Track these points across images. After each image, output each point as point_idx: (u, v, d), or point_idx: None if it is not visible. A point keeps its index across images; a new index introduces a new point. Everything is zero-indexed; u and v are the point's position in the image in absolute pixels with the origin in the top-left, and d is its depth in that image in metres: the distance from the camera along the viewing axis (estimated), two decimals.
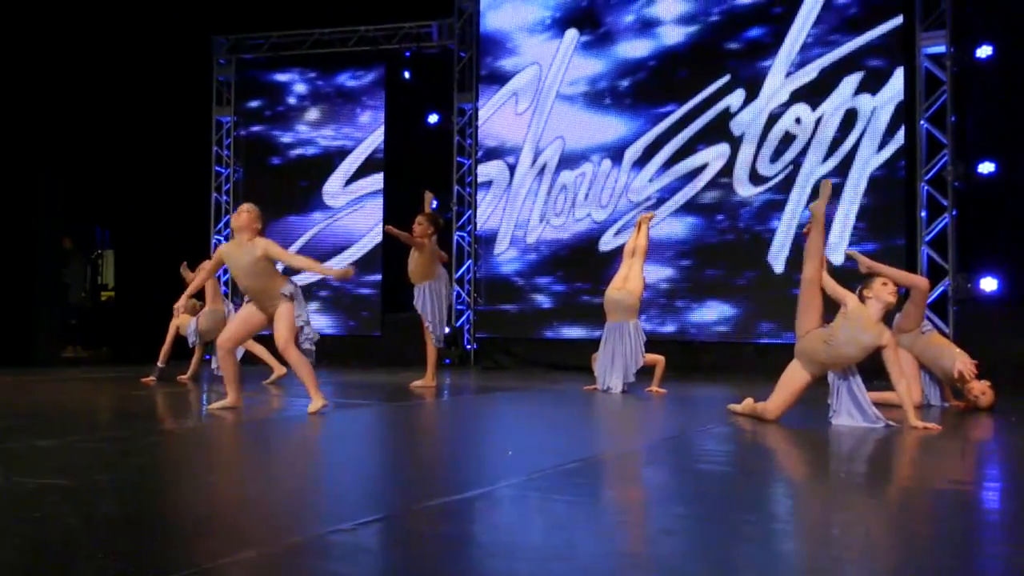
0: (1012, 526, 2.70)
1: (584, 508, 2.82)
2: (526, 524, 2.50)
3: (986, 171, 9.05)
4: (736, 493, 3.13)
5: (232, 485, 3.22)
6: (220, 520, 2.60)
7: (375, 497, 2.96)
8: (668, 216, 10.29)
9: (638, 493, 3.21)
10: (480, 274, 11.57)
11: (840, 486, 3.37)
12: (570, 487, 3.08)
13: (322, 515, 2.67)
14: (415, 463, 3.89)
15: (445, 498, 2.76)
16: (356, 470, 3.72)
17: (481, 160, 11.69)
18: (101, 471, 3.29)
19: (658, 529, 2.55)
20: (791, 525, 2.71)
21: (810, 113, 9.72)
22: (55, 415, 5.43)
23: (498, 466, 3.60)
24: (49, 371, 9.75)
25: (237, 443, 4.47)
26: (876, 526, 2.62)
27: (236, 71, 12.92)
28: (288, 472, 3.66)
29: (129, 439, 4.23)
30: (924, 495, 3.21)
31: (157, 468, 3.62)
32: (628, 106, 10.71)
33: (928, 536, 2.52)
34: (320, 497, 2.97)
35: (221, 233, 12.95)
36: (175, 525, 2.52)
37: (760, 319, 9.73)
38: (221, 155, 13.01)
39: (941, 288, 9.11)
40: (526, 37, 11.42)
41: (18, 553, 2.12)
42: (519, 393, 7.53)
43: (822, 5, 9.71)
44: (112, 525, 2.45)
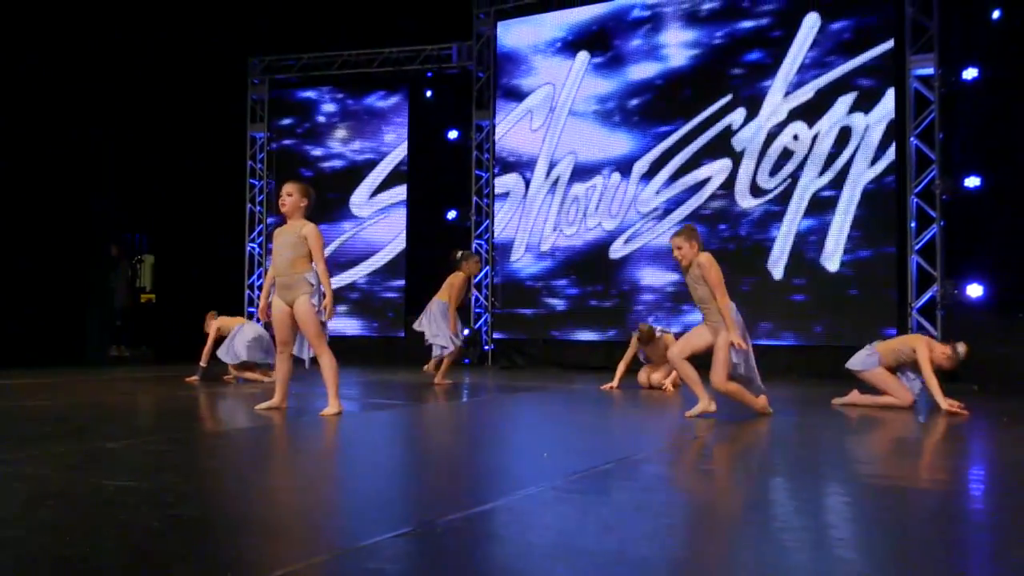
0: (999, 526, 2.69)
1: (629, 509, 2.82)
2: (578, 526, 2.50)
3: (972, 185, 9.02)
4: (768, 491, 3.12)
5: (295, 488, 3.23)
6: (291, 523, 2.61)
7: (426, 500, 2.97)
8: (674, 226, 10.27)
9: (679, 492, 3.20)
10: (497, 280, 11.58)
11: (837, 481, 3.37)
12: (611, 488, 3.08)
13: (381, 519, 2.67)
14: (455, 466, 3.89)
15: (494, 502, 2.76)
16: (409, 472, 3.73)
17: (498, 173, 11.71)
18: (170, 473, 3.30)
19: (705, 530, 2.56)
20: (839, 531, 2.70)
21: (807, 130, 9.71)
22: (116, 415, 5.45)
23: (536, 468, 3.60)
24: (100, 370, 9.80)
25: (290, 444, 4.48)
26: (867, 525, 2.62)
27: (269, 90, 12.96)
28: (340, 475, 3.67)
29: (189, 440, 4.24)
30: (910, 493, 3.21)
31: (221, 470, 3.63)
32: (636, 123, 10.71)
33: (915, 537, 2.51)
34: (375, 500, 2.98)
35: (255, 240, 12.98)
36: (249, 528, 2.53)
37: (760, 322, 9.71)
38: (255, 168, 13.05)
39: (930, 294, 9.10)
40: (540, 59, 11.43)
41: (115, 556, 2.13)
42: (539, 393, 7.52)
43: (818, 30, 9.71)
44: (192, 528, 2.46)
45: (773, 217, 9.82)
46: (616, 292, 10.71)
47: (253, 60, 12.93)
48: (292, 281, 5.25)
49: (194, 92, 12.11)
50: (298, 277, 5.23)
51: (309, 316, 5.19)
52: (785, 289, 9.71)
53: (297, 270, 5.23)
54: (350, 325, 12.16)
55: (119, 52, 11.09)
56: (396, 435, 4.98)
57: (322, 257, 5.24)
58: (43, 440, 4.10)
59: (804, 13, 9.76)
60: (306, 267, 5.24)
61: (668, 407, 6.40)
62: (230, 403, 6.39)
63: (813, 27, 9.72)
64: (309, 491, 3.12)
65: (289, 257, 5.23)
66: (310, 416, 5.26)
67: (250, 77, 12.98)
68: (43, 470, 3.22)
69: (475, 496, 2.97)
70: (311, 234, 5.22)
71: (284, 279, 5.27)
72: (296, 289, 5.24)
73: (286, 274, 5.26)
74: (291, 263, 5.23)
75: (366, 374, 9.57)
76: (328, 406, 5.28)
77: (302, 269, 5.23)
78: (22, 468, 3.26)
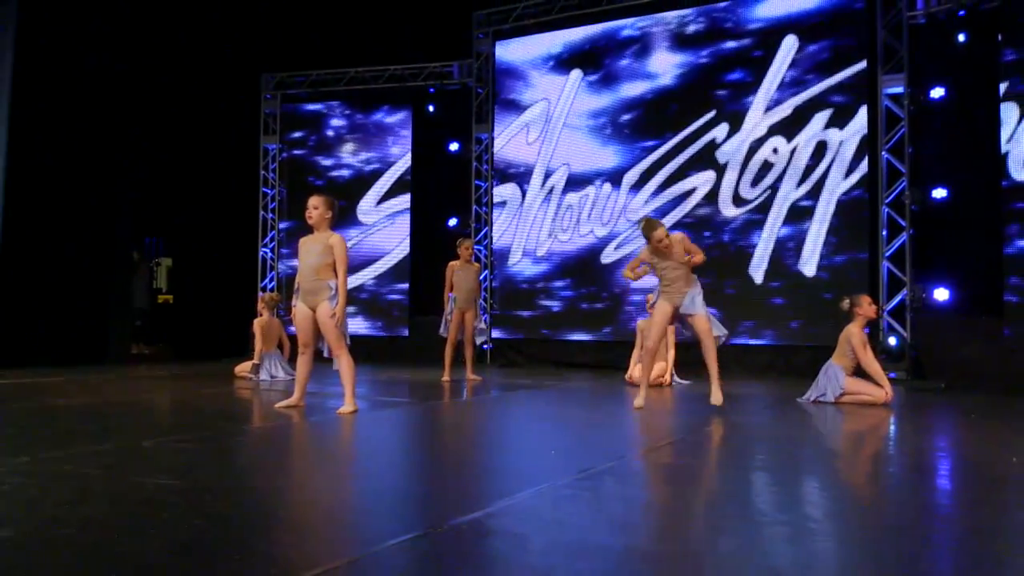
0: (962, 516, 2.72)
1: (640, 505, 2.84)
2: (592, 523, 2.51)
3: (939, 196, 9.08)
4: (775, 488, 3.15)
5: (321, 486, 3.24)
6: (323, 520, 2.62)
7: (445, 499, 2.97)
8: None
9: (688, 488, 3.22)
10: (496, 283, 11.60)
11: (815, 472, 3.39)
12: (620, 484, 3.10)
13: (405, 516, 2.69)
14: (468, 464, 3.90)
15: (509, 499, 2.76)
16: (426, 471, 3.74)
17: (496, 183, 11.73)
18: (205, 472, 3.31)
19: (717, 527, 2.58)
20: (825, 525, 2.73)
21: (786, 144, 9.75)
22: (145, 414, 5.45)
23: (546, 465, 3.61)
24: (122, 368, 9.77)
25: (312, 442, 4.48)
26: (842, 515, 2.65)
27: (281, 104, 12.94)
28: (361, 474, 3.69)
29: (218, 439, 4.24)
30: (878, 482, 3.24)
31: (251, 468, 3.64)
32: (627, 136, 10.74)
33: (881, 526, 2.54)
34: (397, 498, 2.99)
35: (267, 246, 12.96)
36: (285, 525, 2.54)
37: (741, 322, 9.75)
38: (267, 178, 13.02)
39: (899, 297, 9.14)
40: (536, 75, 11.45)
41: (163, 554, 2.14)
42: (539, 391, 7.54)
43: (796, 50, 9.75)
44: (231, 525, 2.47)
45: (754, 225, 9.86)
46: (607, 295, 10.74)
47: (266, 76, 12.90)
48: (316, 287, 5.27)
49: (211, 106, 12.12)
50: (321, 283, 5.25)
51: (331, 327, 5.23)
52: (765, 292, 9.76)
53: (321, 277, 5.25)
54: (359, 325, 12.16)
55: (142, 69, 11.08)
56: (409, 433, 4.99)
57: (345, 267, 5.26)
58: (79, 438, 4.10)
59: (783, 35, 9.81)
60: (330, 275, 5.26)
61: (666, 402, 6.42)
62: (250, 401, 6.39)
63: (791, 48, 9.76)
64: (335, 489, 3.13)
65: (314, 265, 5.25)
66: (327, 414, 5.26)
67: (263, 92, 12.96)
68: (83, 469, 3.23)
69: (490, 494, 2.98)
70: (337, 244, 5.25)
71: (308, 285, 5.30)
72: (319, 295, 5.26)
73: (310, 280, 5.28)
74: (316, 270, 5.25)
75: (374, 372, 9.58)
76: (344, 405, 5.30)
77: (326, 276, 5.26)
78: (63, 467, 3.26)
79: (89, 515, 2.52)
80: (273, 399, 6.05)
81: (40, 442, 3.95)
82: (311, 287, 5.29)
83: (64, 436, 4.21)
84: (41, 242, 9.76)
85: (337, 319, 5.24)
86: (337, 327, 5.26)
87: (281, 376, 8.18)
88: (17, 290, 9.49)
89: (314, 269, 5.26)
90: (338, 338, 5.28)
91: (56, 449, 3.71)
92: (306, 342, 5.41)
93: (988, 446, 4.43)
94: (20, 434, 4.22)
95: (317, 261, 5.25)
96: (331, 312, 5.22)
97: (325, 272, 5.26)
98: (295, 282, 5.45)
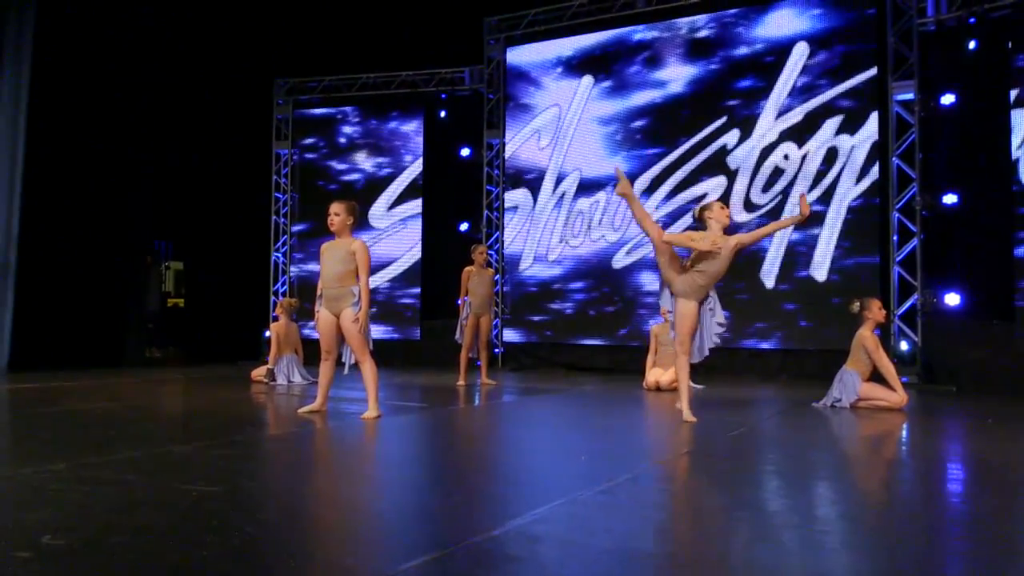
0: (975, 524, 2.74)
1: (677, 512, 2.86)
2: (633, 529, 2.53)
3: (949, 202, 9.08)
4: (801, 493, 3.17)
5: (361, 493, 3.27)
6: (370, 527, 2.65)
7: (486, 507, 2.99)
8: None
9: (721, 495, 3.24)
10: (507, 287, 11.63)
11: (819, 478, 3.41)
12: (654, 491, 3.12)
13: (450, 524, 2.70)
14: (501, 470, 3.92)
15: (550, 505, 2.78)
16: (462, 478, 3.76)
17: (507, 188, 11.76)
18: (242, 478, 3.33)
19: (756, 532, 2.60)
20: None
21: (797, 150, 9.77)
22: (172, 419, 5.48)
23: (577, 473, 3.63)
24: (139, 371, 9.80)
25: (343, 448, 4.51)
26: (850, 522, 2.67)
27: (293, 109, 12.98)
28: (397, 480, 3.71)
29: (248, 444, 4.26)
30: (887, 491, 3.26)
31: (286, 473, 3.66)
32: (638, 142, 10.77)
33: (893, 532, 2.56)
34: (440, 505, 3.01)
35: (279, 250, 13.00)
36: (333, 532, 2.57)
37: (752, 326, 9.77)
38: (279, 182, 13.06)
39: (910, 302, 9.16)
40: (547, 81, 11.49)
41: (221, 561, 2.16)
42: (554, 396, 7.56)
43: (807, 57, 9.78)
44: (279, 531, 2.50)
45: None
46: (619, 299, 10.76)
47: (279, 82, 12.95)
48: (339, 293, 5.28)
49: (223, 112, 12.16)
50: (345, 290, 5.26)
51: (355, 333, 5.23)
52: (776, 297, 9.78)
53: (344, 283, 5.26)
54: (373, 329, 12.19)
55: (155, 74, 11.13)
56: (435, 439, 5.01)
57: (367, 273, 5.25)
58: (111, 444, 4.13)
59: (794, 42, 9.83)
60: (352, 281, 5.26)
61: (675, 408, 6.41)
62: (272, 406, 6.42)
63: (802, 55, 9.79)
64: (377, 496, 3.15)
65: (338, 271, 5.25)
66: (349, 419, 5.29)
67: (275, 98, 13.00)
68: (123, 475, 3.25)
69: (529, 501, 2.99)
70: (360, 250, 5.23)
71: (331, 291, 5.31)
72: (343, 301, 5.27)
73: (333, 287, 5.29)
74: (339, 277, 5.26)
75: (388, 376, 9.59)
76: (368, 410, 5.32)
77: (349, 283, 5.26)
78: (102, 473, 3.28)
79: (140, 523, 2.54)
80: (293, 404, 6.08)
81: (73, 447, 3.98)
82: (334, 293, 5.30)
83: (96, 442, 4.24)
84: (58, 246, 9.81)
85: (361, 325, 5.25)
86: (360, 332, 5.28)
87: (298, 381, 8.20)
88: (34, 294, 9.54)
89: (337, 276, 5.27)
90: (362, 344, 5.28)
91: (91, 455, 3.73)
92: (328, 348, 5.42)
93: (1016, 452, 4.44)
94: (53, 440, 4.24)
95: (341, 268, 5.26)
96: (354, 317, 5.23)
97: (348, 279, 5.26)
98: (318, 288, 5.45)
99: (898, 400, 6.25)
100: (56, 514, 2.61)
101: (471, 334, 8.52)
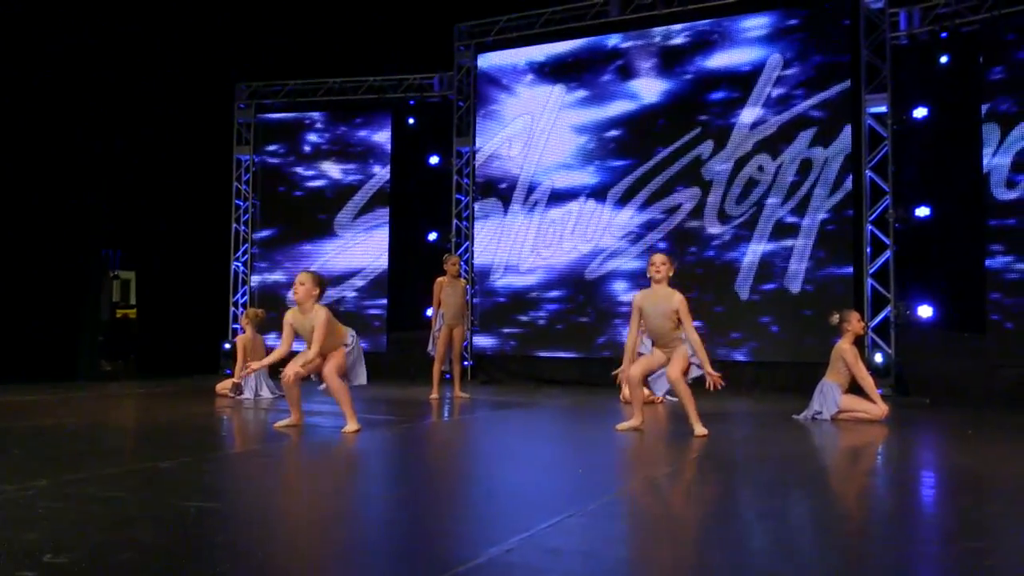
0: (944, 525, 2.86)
1: (687, 523, 2.93)
2: (646, 539, 2.60)
3: (922, 214, 9.37)
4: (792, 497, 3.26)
5: (364, 508, 3.29)
6: (397, 540, 2.68)
7: (501, 518, 3.04)
8: (646, 250, 10.50)
9: (726, 505, 3.32)
10: (477, 299, 11.67)
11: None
12: (656, 505, 3.19)
13: (471, 537, 2.75)
14: (495, 487, 3.96)
15: (555, 518, 2.83)
16: (461, 496, 3.79)
17: (478, 198, 11.82)
18: (235, 494, 3.34)
19: (778, 542, 2.68)
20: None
21: (771, 162, 9.99)
22: (144, 434, 5.42)
23: (579, 485, 3.69)
24: (95, 385, 9.61)
25: (332, 462, 4.51)
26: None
27: (255, 114, 12.91)
28: (394, 496, 3.73)
29: (232, 459, 4.25)
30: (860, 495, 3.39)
31: (278, 489, 3.66)
32: (611, 152, 10.91)
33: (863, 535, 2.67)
34: (465, 518, 3.04)
35: (240, 259, 12.89)
36: (339, 551, 2.59)
37: (726, 339, 9.94)
38: (240, 189, 12.96)
39: (883, 314, 9.41)
40: (519, 89, 11.59)
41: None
42: (530, 409, 7.62)
43: (781, 68, 10.01)
44: (292, 548, 2.52)
45: (740, 241, 10.08)
46: (592, 310, 10.87)
47: (240, 85, 12.87)
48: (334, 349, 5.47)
49: (182, 116, 12.02)
50: (338, 344, 5.46)
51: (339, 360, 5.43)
52: (751, 309, 9.97)
53: (336, 344, 5.46)
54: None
55: (111, 76, 10.98)
56: (420, 454, 5.04)
57: (321, 340, 5.29)
58: (89, 461, 4.09)
59: (769, 54, 10.07)
60: (343, 334, 5.49)
61: (660, 420, 6.52)
62: (245, 420, 6.38)
63: (777, 66, 10.03)
64: (384, 512, 3.16)
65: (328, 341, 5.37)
66: (329, 433, 5.28)
67: (237, 102, 12.91)
68: (111, 492, 3.23)
69: (538, 515, 3.02)
70: (320, 323, 5.30)
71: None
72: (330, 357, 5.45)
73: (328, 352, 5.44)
74: (331, 344, 5.41)
75: (357, 388, 9.54)
76: (347, 424, 5.35)
77: (340, 339, 5.48)
78: (88, 490, 3.26)
79: (142, 539, 2.55)
80: (265, 419, 6.06)
81: (50, 464, 3.93)
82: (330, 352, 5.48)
83: (72, 458, 4.19)
84: (7, 255, 9.62)
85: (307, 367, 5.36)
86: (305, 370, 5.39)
87: (266, 394, 8.15)
88: None
89: (328, 345, 5.38)
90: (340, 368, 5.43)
91: (71, 472, 3.70)
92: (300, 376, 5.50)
93: (1004, 463, 4.61)
94: (28, 456, 4.18)
95: (326, 341, 5.34)
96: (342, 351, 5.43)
97: (335, 338, 5.42)
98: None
99: (878, 412, 6.44)
100: (53, 532, 2.60)
101: (444, 346, 8.55)
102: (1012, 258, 8.72)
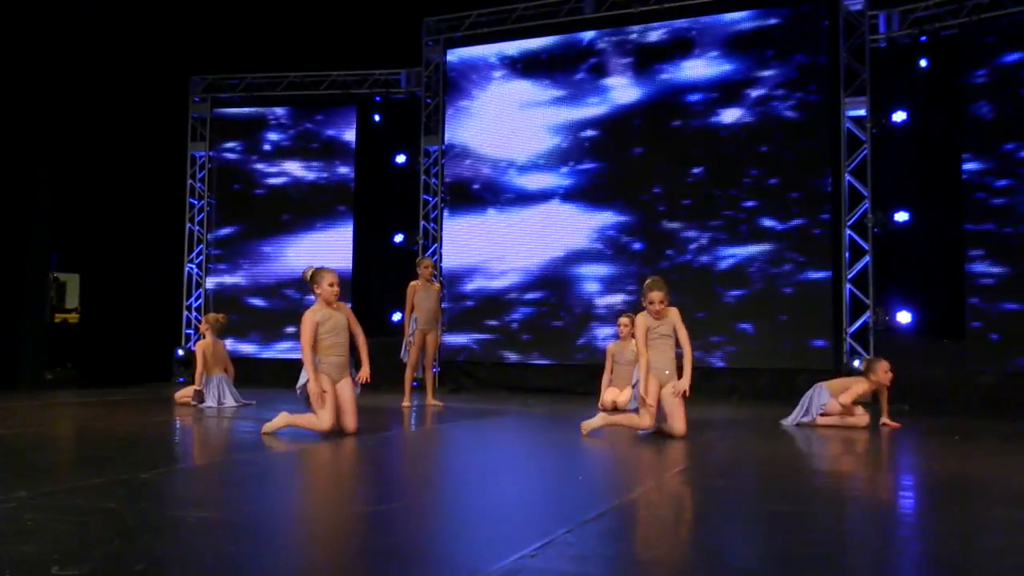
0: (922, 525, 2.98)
1: (697, 525, 3.01)
2: (667, 542, 2.67)
3: (901, 219, 9.64)
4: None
5: (374, 515, 3.29)
6: (402, 547, 2.69)
7: (511, 527, 3.07)
8: (620, 254, 10.63)
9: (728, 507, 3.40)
10: (445, 303, 11.67)
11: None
12: (665, 512, 3.26)
13: (488, 546, 2.78)
14: (500, 493, 3.98)
15: (569, 524, 2.88)
16: (466, 509, 3.82)
17: (446, 199, 11.84)
18: (228, 503, 3.33)
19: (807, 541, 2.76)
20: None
21: (749, 164, 10.17)
22: (112, 445, 5.33)
23: (581, 492, 3.74)
24: (44, 394, 9.41)
25: (320, 470, 4.50)
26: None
27: (211, 108, 12.77)
28: (405, 503, 3.74)
29: (215, 467, 4.22)
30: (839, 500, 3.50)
31: (273, 495, 3.64)
32: (586, 152, 11.02)
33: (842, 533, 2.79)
34: (479, 527, 3.07)
35: (194, 261, 12.72)
36: (342, 560, 2.61)
37: (706, 345, 10.08)
38: (195, 187, 12.81)
39: (862, 320, 9.65)
40: (490, 86, 11.64)
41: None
42: (504, 418, 7.65)
43: (760, 70, 10.21)
44: (301, 556, 2.53)
45: (717, 244, 10.24)
46: (565, 315, 10.95)
47: (196, 78, 12.72)
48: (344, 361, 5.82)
49: (133, 108, 11.83)
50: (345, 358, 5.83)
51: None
52: (728, 314, 10.14)
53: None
54: (296, 347, 12.03)
55: (57, 69, 10.78)
56: (409, 463, 5.05)
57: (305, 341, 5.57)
58: (63, 472, 4.04)
59: (747, 54, 10.26)
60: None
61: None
62: (213, 428, 6.31)
63: (756, 66, 10.22)
64: (395, 519, 3.15)
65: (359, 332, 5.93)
66: (310, 440, 5.27)
67: (191, 96, 12.76)
68: (99, 503, 3.19)
69: (551, 522, 3.07)
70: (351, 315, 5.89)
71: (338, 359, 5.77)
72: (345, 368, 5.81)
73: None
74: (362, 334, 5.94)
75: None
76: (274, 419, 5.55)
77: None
78: (74, 501, 3.22)
79: (150, 550, 2.53)
80: (236, 427, 6.01)
81: (22, 475, 3.86)
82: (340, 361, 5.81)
83: (44, 469, 4.13)
84: None
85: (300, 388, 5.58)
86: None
87: (229, 402, 8.08)
88: None
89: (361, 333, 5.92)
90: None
91: (47, 483, 3.65)
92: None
93: (997, 469, 4.77)
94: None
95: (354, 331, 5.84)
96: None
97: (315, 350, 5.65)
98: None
99: (863, 420, 6.63)
100: (53, 544, 2.57)
101: (417, 352, 8.56)
102: (990, 263, 9.01)
